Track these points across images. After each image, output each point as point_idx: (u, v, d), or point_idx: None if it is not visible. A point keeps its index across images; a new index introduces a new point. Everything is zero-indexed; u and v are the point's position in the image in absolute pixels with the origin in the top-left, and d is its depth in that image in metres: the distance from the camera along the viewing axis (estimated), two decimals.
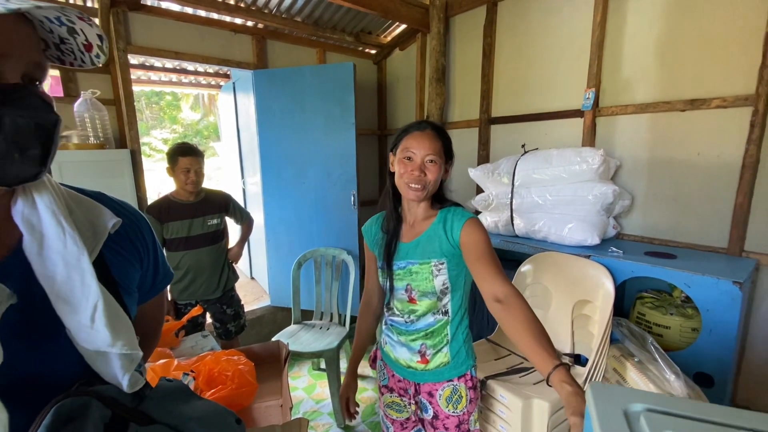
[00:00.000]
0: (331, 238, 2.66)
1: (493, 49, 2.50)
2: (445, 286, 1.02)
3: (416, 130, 1.00)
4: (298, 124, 2.61)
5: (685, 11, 1.71)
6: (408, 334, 1.08)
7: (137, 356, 0.49)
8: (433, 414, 1.08)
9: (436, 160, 0.98)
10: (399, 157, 1.00)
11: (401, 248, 1.06)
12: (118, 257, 0.56)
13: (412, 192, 0.99)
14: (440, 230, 1.01)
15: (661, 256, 1.66)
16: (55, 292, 0.45)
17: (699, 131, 1.72)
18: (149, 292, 0.65)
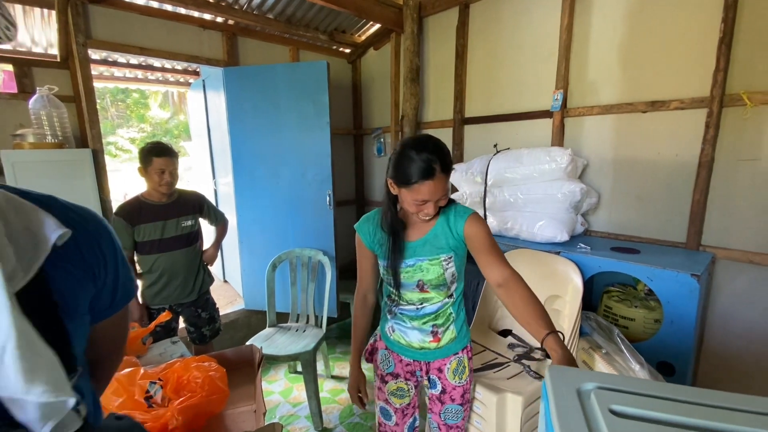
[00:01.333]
0: (306, 239, 2.63)
1: (465, 50, 2.54)
2: (453, 276, 1.12)
3: (428, 178, 0.96)
4: (271, 123, 2.56)
5: (646, 17, 1.79)
6: (419, 319, 1.16)
7: (62, 404, 0.42)
8: (441, 389, 1.20)
9: (446, 194, 1.05)
10: (410, 198, 1.01)
11: (408, 247, 1.11)
12: (65, 274, 0.48)
13: (424, 220, 1.07)
14: (445, 227, 1.09)
15: (626, 251, 1.73)
16: None
17: (659, 132, 1.81)
18: (107, 310, 0.59)
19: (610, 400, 0.44)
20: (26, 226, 0.44)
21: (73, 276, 0.49)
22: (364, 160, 3.57)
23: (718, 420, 0.40)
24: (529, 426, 1.42)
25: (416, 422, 1.31)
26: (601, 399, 0.45)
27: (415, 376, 1.23)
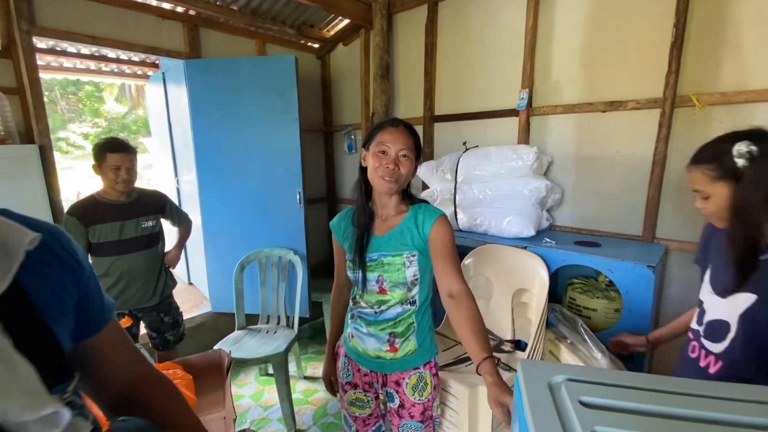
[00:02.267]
0: (276, 238, 2.57)
1: (434, 48, 2.56)
2: (415, 277, 1.08)
3: (391, 126, 1.05)
4: (237, 118, 2.48)
5: (604, 21, 1.87)
6: (377, 325, 1.11)
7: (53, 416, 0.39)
8: (399, 403, 1.14)
9: (409, 155, 1.04)
10: (373, 150, 1.04)
11: (373, 241, 1.10)
12: (42, 278, 0.46)
13: (386, 184, 1.02)
14: (412, 224, 1.07)
15: (588, 245, 1.81)
16: None
17: (617, 130, 1.90)
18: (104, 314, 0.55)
19: (579, 392, 0.46)
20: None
21: (50, 278, 0.47)
22: (334, 157, 3.53)
23: (680, 406, 0.43)
24: None
25: (381, 428, 1.27)
26: (571, 391, 0.46)
27: (373, 388, 1.19)
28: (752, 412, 0.41)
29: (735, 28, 1.55)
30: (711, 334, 0.96)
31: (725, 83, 1.59)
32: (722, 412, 0.41)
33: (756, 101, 1.52)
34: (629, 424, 0.40)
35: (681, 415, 0.41)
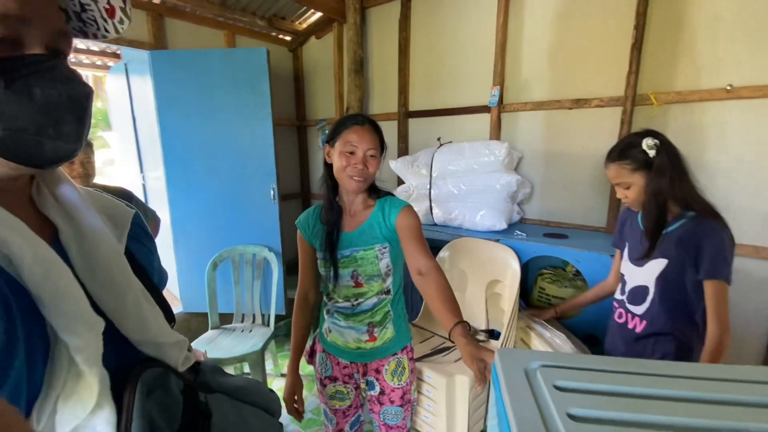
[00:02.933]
0: (250, 235, 2.52)
1: (408, 44, 2.57)
2: (388, 267, 1.11)
3: (356, 124, 1.04)
4: (206, 112, 2.40)
5: (571, 22, 1.95)
6: (355, 317, 1.13)
7: (184, 342, 0.52)
8: (380, 390, 1.19)
9: (376, 154, 1.05)
10: (340, 150, 1.04)
11: (344, 238, 1.10)
12: (141, 247, 0.57)
13: (355, 184, 1.04)
14: (380, 217, 1.09)
15: (556, 236, 1.89)
16: (94, 286, 0.44)
17: (583, 127, 1.98)
18: (161, 282, 0.65)
19: (554, 377, 0.49)
20: (102, 209, 0.50)
21: (146, 248, 0.58)
22: (308, 152, 3.49)
23: (645, 385, 0.47)
24: (476, 404, 1.51)
25: (360, 418, 1.30)
26: (546, 376, 0.49)
27: (353, 379, 1.22)
28: (712, 389, 0.46)
29: (689, 32, 1.65)
30: (634, 299, 1.15)
31: (680, 83, 1.70)
32: (684, 389, 0.45)
33: (708, 100, 1.64)
34: (600, 405, 0.43)
35: (647, 394, 0.45)
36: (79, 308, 0.39)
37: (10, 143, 0.37)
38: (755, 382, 0.47)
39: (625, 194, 1.12)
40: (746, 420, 0.40)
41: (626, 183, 1.10)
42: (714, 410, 0.42)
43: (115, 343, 0.45)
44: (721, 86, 1.59)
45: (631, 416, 0.41)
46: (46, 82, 0.38)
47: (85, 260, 0.44)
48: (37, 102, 0.37)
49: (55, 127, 0.39)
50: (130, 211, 0.54)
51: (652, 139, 1.05)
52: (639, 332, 1.15)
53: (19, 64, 0.37)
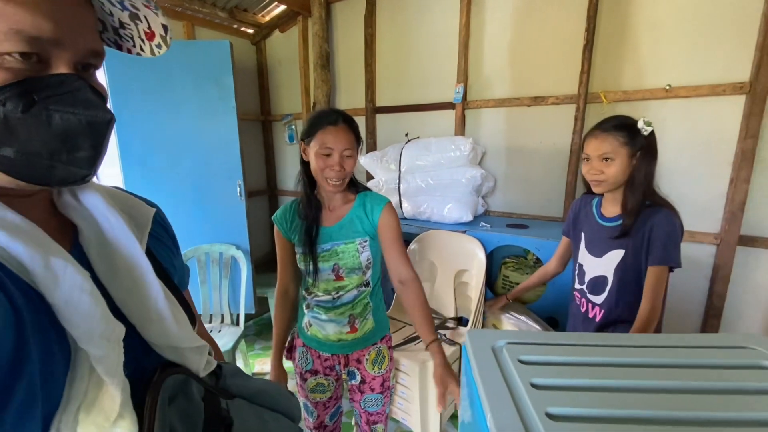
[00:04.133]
0: (216, 234, 2.46)
1: (374, 39, 2.59)
2: (369, 261, 1.13)
3: (330, 124, 1.03)
4: (166, 106, 2.30)
5: (528, 23, 2.05)
6: (336, 309, 1.15)
7: (204, 347, 0.51)
8: (361, 379, 1.22)
9: (352, 153, 1.06)
10: (316, 150, 1.04)
11: (324, 232, 1.12)
12: (162, 246, 0.56)
13: (332, 186, 1.06)
14: (361, 212, 1.12)
15: (518, 227, 2.00)
16: (115, 288, 0.43)
17: (540, 123, 2.10)
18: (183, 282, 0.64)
19: (518, 352, 0.53)
20: (123, 209, 0.49)
21: (167, 247, 0.57)
22: (274, 147, 3.43)
23: (600, 355, 0.52)
24: None
25: (339, 409, 1.33)
26: (511, 352, 0.53)
27: (334, 371, 1.24)
28: (652, 354, 0.52)
29: (633, 36, 1.80)
30: (594, 289, 1.19)
31: (626, 82, 1.84)
32: (632, 357, 0.52)
33: (650, 99, 1.79)
34: (559, 374, 0.48)
35: (598, 362, 0.51)
36: (96, 316, 0.38)
37: (22, 166, 0.36)
38: (694, 347, 0.54)
39: (602, 170, 1.08)
40: (688, 379, 0.47)
41: (612, 155, 1.06)
42: (659, 373, 0.48)
43: (134, 348, 0.44)
44: (661, 86, 1.74)
45: (583, 382, 0.47)
46: (67, 106, 0.37)
47: (106, 263, 0.43)
48: (55, 127, 0.36)
49: (70, 153, 0.38)
50: (150, 210, 0.53)
51: (647, 121, 1.06)
52: (598, 321, 1.17)
53: (41, 86, 0.36)
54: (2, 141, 0.35)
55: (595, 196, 1.27)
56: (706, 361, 0.51)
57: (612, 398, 0.43)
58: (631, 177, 1.08)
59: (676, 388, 0.46)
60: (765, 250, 1.65)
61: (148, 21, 0.46)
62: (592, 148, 1.11)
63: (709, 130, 1.69)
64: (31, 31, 0.35)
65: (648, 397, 0.44)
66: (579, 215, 1.31)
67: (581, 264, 1.24)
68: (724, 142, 1.66)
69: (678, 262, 1.07)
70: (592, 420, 0.40)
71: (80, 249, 0.43)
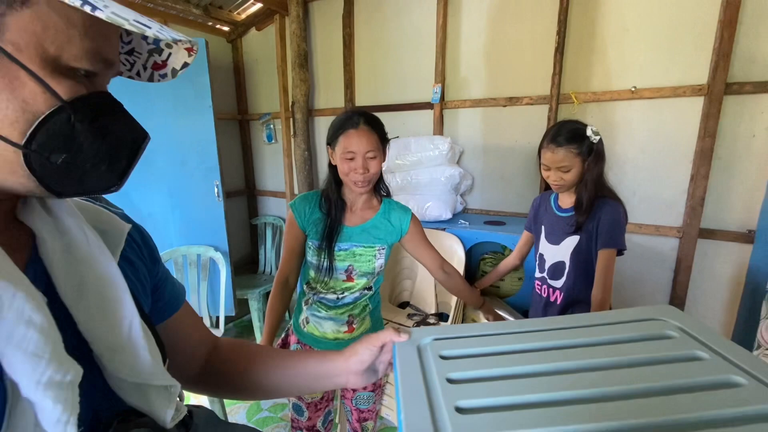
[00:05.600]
0: (193, 235, 2.41)
1: (352, 39, 2.60)
2: (381, 268, 1.18)
3: (351, 127, 1.05)
4: (138, 105, 2.20)
5: (502, 25, 2.11)
6: (337, 309, 1.17)
7: (175, 388, 0.43)
8: None
9: (377, 155, 1.07)
10: (340, 155, 1.06)
11: (345, 231, 1.14)
12: (133, 269, 0.50)
13: (359, 188, 1.09)
14: (386, 221, 1.17)
15: (495, 224, 2.05)
16: (80, 309, 0.38)
17: (516, 123, 2.17)
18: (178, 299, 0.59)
19: (441, 348, 0.55)
20: (94, 224, 0.45)
21: (136, 265, 0.51)
22: (252, 147, 3.39)
23: (515, 342, 0.54)
24: None
25: (330, 415, 1.32)
26: (434, 348, 0.55)
27: None
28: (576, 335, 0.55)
29: (601, 39, 1.88)
30: (554, 275, 1.30)
31: (595, 84, 1.92)
32: (550, 340, 0.54)
33: (618, 99, 1.87)
34: (475, 365, 0.50)
35: (518, 350, 0.53)
36: (45, 357, 0.31)
37: (59, 172, 0.35)
38: (611, 324, 0.57)
39: (562, 177, 1.19)
40: (598, 356, 0.49)
41: (569, 166, 1.18)
42: (570, 353, 0.50)
43: (91, 391, 0.37)
44: (627, 88, 1.83)
45: (496, 371, 0.49)
46: (119, 123, 0.39)
47: (72, 279, 0.38)
48: (108, 141, 0.37)
49: (109, 166, 0.38)
50: (125, 226, 0.47)
51: (594, 129, 1.19)
52: (560, 303, 1.30)
53: (104, 102, 0.37)
54: (59, 147, 0.34)
55: (552, 192, 1.37)
56: (617, 337, 0.54)
57: (521, 384, 0.45)
58: (583, 178, 1.20)
59: (585, 367, 0.48)
60: (723, 242, 1.76)
61: (169, 57, 0.46)
62: (551, 160, 1.21)
63: (672, 129, 1.79)
64: (107, 55, 0.37)
65: (557, 378, 0.46)
66: (539, 210, 1.42)
67: (542, 254, 1.35)
68: (685, 140, 1.77)
69: (623, 245, 1.17)
70: (498, 408, 0.42)
71: (40, 263, 0.38)
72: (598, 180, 1.20)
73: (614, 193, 1.24)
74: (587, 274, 1.21)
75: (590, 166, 1.18)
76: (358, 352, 0.61)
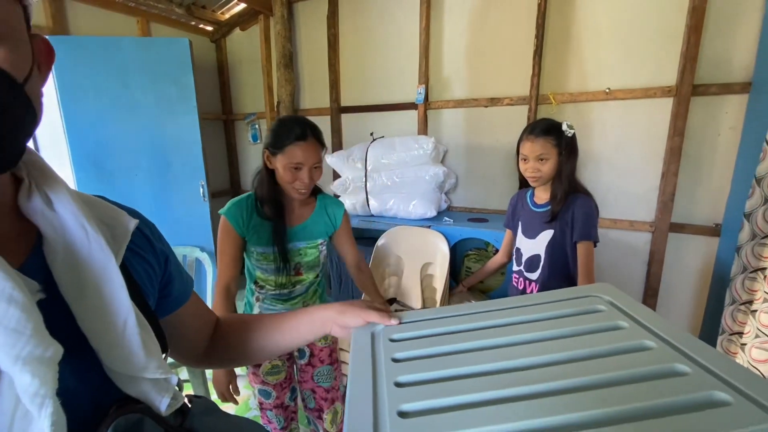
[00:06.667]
0: (179, 236, 2.40)
1: (337, 40, 2.62)
2: (325, 257, 1.29)
3: (300, 139, 1.06)
4: (121, 106, 2.22)
5: (483, 28, 2.17)
6: (291, 300, 1.23)
7: (171, 379, 0.44)
8: (309, 353, 1.31)
9: (320, 164, 1.13)
10: (285, 163, 1.07)
11: (288, 232, 1.18)
12: (141, 262, 0.50)
13: (299, 196, 1.12)
14: (324, 215, 1.24)
15: (478, 221, 2.11)
16: (80, 306, 0.38)
17: (497, 123, 2.23)
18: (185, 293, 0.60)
19: (391, 332, 0.58)
20: (102, 219, 0.44)
21: (144, 259, 0.51)
22: (237, 147, 3.37)
23: (461, 323, 0.58)
24: None
25: (296, 391, 1.36)
26: (386, 333, 0.58)
27: (286, 353, 1.28)
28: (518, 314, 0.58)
29: (577, 42, 1.95)
30: (530, 267, 1.37)
31: (572, 85, 2.00)
32: (494, 319, 0.58)
33: (593, 100, 1.95)
34: (419, 345, 0.54)
35: (463, 329, 0.57)
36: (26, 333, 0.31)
37: None
38: (554, 302, 0.61)
39: (539, 168, 1.25)
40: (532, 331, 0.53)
41: (546, 156, 1.24)
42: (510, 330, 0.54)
43: (91, 378, 0.39)
44: (602, 89, 1.91)
45: (436, 350, 0.52)
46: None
47: (72, 275, 0.39)
48: None
49: None
50: (131, 221, 0.47)
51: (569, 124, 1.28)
52: None
53: None
54: None
55: (528, 190, 1.44)
56: (553, 313, 0.58)
57: (461, 359, 0.49)
58: (559, 171, 1.27)
59: (517, 342, 0.52)
60: (692, 235, 1.86)
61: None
62: (530, 150, 1.27)
63: (643, 128, 1.88)
64: None
65: (495, 352, 0.50)
66: (516, 207, 1.49)
67: (519, 248, 1.42)
68: (656, 139, 1.85)
69: (596, 238, 1.25)
70: (436, 381, 0.46)
71: (41, 257, 0.38)
72: (571, 174, 1.27)
73: (585, 188, 1.32)
74: (561, 266, 1.28)
75: (565, 159, 1.25)
76: (347, 323, 0.64)
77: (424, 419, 0.41)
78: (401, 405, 0.43)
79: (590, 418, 0.38)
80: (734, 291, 1.50)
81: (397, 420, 0.41)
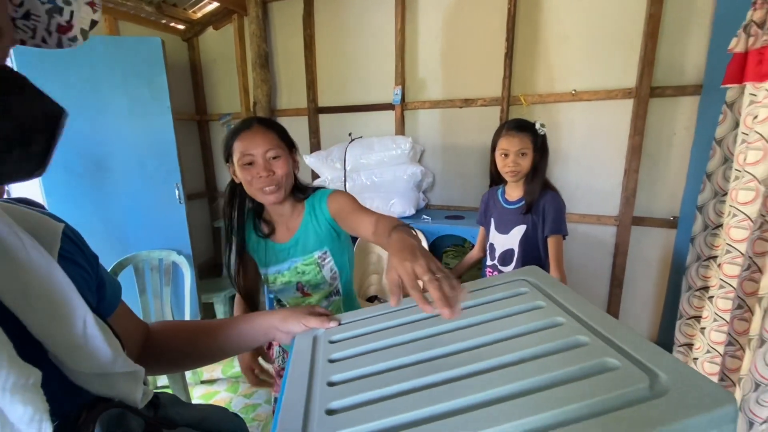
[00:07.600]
0: (154, 239, 2.35)
1: (313, 41, 2.63)
2: (333, 272, 1.05)
3: (244, 130, 0.94)
4: (91, 107, 2.15)
5: (457, 31, 2.23)
6: None
7: (140, 372, 0.44)
8: None
9: (279, 153, 0.94)
10: (239, 164, 0.93)
11: (281, 250, 1.04)
12: (74, 266, 0.49)
13: (270, 196, 0.94)
14: (313, 219, 1.02)
15: (456, 218, 2.18)
16: (30, 315, 0.37)
17: (471, 123, 2.30)
18: (116, 297, 0.59)
19: (331, 334, 0.61)
20: (25, 226, 0.42)
21: (80, 267, 0.50)
22: (212, 148, 3.32)
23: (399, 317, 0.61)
24: None
25: None
26: (327, 335, 0.60)
27: None
28: None
29: (544, 46, 2.05)
30: (504, 261, 1.44)
31: (541, 87, 2.09)
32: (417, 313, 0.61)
33: (560, 101, 2.05)
34: (355, 344, 0.56)
35: (391, 325, 0.60)
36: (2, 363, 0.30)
37: None
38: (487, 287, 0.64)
39: (519, 162, 1.31)
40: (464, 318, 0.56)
41: (526, 150, 1.31)
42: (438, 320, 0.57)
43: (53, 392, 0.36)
44: (569, 90, 2.01)
45: (369, 347, 0.55)
46: (25, 100, 0.33)
47: (16, 286, 0.36)
48: (16, 121, 0.32)
49: (24, 148, 0.34)
50: (58, 225, 0.45)
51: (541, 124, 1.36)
52: None
53: (2, 77, 0.32)
54: None
55: (498, 188, 1.51)
56: (482, 300, 0.61)
57: (391, 353, 0.52)
58: (534, 167, 1.35)
59: (446, 330, 0.55)
60: (652, 228, 1.99)
61: (73, 15, 0.40)
62: (511, 145, 1.34)
63: (607, 128, 1.99)
64: None
65: (423, 342, 0.53)
66: (489, 205, 1.55)
67: (492, 243, 1.48)
68: (619, 138, 1.97)
69: (566, 232, 1.33)
70: (365, 376, 0.49)
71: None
72: (543, 171, 1.35)
73: (552, 185, 1.41)
74: (533, 259, 1.35)
75: (539, 156, 1.33)
76: (290, 329, 0.66)
77: (348, 414, 0.43)
78: (330, 403, 0.45)
79: (502, 393, 0.42)
80: (690, 278, 1.62)
81: (324, 418, 0.43)
